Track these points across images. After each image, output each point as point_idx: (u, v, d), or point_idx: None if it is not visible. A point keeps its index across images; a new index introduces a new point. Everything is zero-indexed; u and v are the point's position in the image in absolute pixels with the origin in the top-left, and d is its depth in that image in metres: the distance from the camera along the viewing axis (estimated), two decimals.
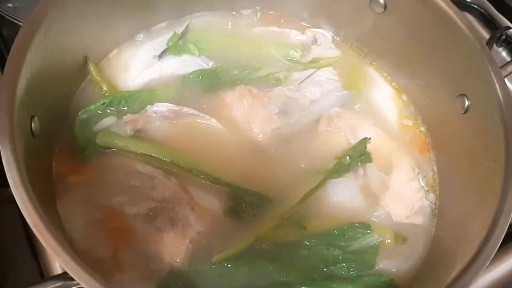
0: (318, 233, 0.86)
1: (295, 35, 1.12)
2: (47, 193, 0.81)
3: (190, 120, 0.96)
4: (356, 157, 0.94)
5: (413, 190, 0.94)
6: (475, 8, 1.39)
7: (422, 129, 1.04)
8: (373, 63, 1.12)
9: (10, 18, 1.12)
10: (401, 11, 0.98)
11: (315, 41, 1.11)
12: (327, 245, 0.84)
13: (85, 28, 0.92)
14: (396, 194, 0.93)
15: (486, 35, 1.34)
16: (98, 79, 0.97)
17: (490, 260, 0.70)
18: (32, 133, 0.76)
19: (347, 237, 0.85)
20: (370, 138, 0.96)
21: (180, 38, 1.06)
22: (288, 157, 0.95)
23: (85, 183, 0.85)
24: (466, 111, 0.90)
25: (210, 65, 1.05)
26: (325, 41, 1.11)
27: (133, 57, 1.03)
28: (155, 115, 0.94)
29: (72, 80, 0.95)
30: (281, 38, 1.12)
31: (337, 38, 1.15)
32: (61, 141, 0.89)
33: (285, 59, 1.09)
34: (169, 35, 1.06)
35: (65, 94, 0.94)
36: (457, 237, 0.83)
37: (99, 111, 0.93)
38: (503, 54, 1.35)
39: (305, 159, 0.95)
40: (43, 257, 0.90)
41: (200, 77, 1.01)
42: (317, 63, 1.09)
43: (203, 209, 0.86)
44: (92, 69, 0.96)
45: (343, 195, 0.91)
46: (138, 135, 0.92)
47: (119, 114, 0.94)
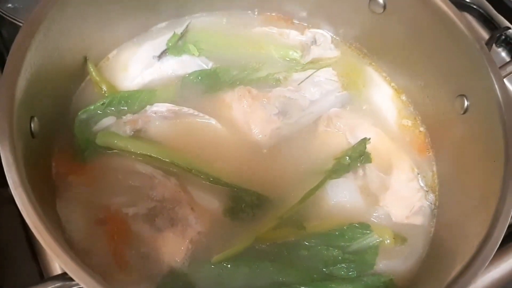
0: (317, 233, 0.86)
1: (294, 36, 1.12)
2: (46, 194, 0.81)
3: (189, 120, 0.96)
4: (355, 157, 0.94)
5: (413, 190, 0.94)
6: (474, 8, 1.39)
7: (421, 129, 1.04)
8: (373, 64, 1.12)
9: (10, 18, 1.11)
10: (401, 12, 0.98)
11: (314, 42, 1.11)
12: (326, 245, 0.84)
13: (84, 28, 0.92)
14: (395, 194, 0.93)
15: (485, 35, 1.34)
16: (97, 79, 0.97)
17: (489, 260, 0.70)
18: (31, 134, 0.76)
19: (346, 237, 0.85)
20: (369, 138, 0.96)
21: (179, 38, 1.06)
22: (287, 157, 0.95)
23: (85, 183, 0.85)
24: (465, 111, 0.90)
25: (209, 65, 1.05)
26: (324, 41, 1.11)
27: (133, 57, 1.03)
28: (154, 115, 0.94)
29: (71, 80, 0.95)
30: (280, 38, 1.11)
31: (337, 38, 1.15)
32: (61, 141, 0.89)
33: (284, 59, 1.09)
34: (169, 35, 1.06)
35: (65, 94, 0.94)
36: (456, 237, 0.83)
37: (99, 111, 0.93)
38: (503, 54, 1.35)
39: (304, 159, 0.95)
40: (43, 257, 0.90)
41: (199, 78, 1.01)
42: (316, 64, 1.08)
43: (202, 209, 0.86)
44: (91, 69, 0.97)
45: (342, 196, 0.91)
46: (137, 135, 0.92)
47: (119, 114, 0.94)
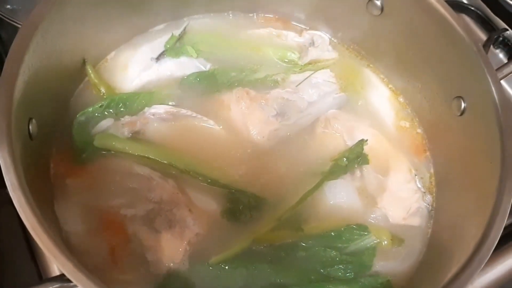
0: (315, 234, 0.86)
1: (292, 37, 1.12)
2: (45, 195, 0.81)
3: (188, 122, 0.96)
4: (353, 158, 0.94)
5: (410, 191, 0.94)
6: (472, 10, 1.39)
7: (419, 130, 1.04)
8: (370, 65, 1.12)
9: (8, 20, 1.11)
10: (398, 14, 0.99)
11: (312, 43, 1.11)
12: (324, 246, 0.85)
13: (83, 30, 0.92)
14: (393, 195, 0.93)
15: (483, 37, 1.34)
16: (96, 81, 0.97)
17: (485, 262, 0.70)
18: (29, 135, 0.76)
19: (344, 238, 0.86)
20: (367, 140, 0.96)
21: (177, 40, 1.06)
22: (285, 159, 0.95)
23: (83, 185, 0.86)
24: (462, 113, 0.90)
25: (207, 67, 1.05)
26: (322, 43, 1.11)
27: (131, 59, 1.03)
28: (153, 117, 0.94)
29: (70, 82, 0.95)
30: (278, 40, 1.11)
31: (335, 40, 1.15)
32: (59, 143, 0.89)
33: (282, 61, 1.09)
34: (167, 37, 1.06)
35: (63, 96, 0.94)
36: (453, 238, 0.83)
37: (97, 113, 0.93)
38: (500, 55, 1.35)
39: (302, 161, 0.95)
40: (41, 258, 0.90)
41: (198, 79, 1.01)
42: (314, 65, 1.09)
43: (200, 210, 0.86)
44: (90, 71, 0.97)
45: (340, 197, 0.91)
46: (136, 137, 0.92)
47: (117, 116, 0.94)
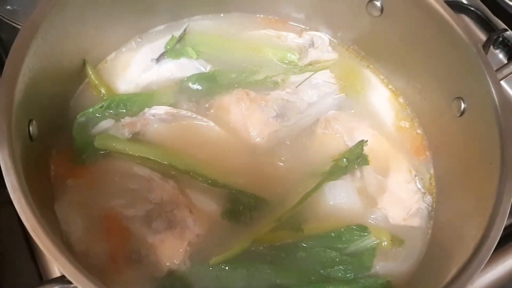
0: (315, 235, 0.86)
1: (292, 38, 1.12)
2: (45, 196, 0.81)
3: (188, 123, 0.96)
4: (353, 159, 0.94)
5: (410, 192, 0.94)
6: (472, 10, 1.39)
7: (418, 131, 1.04)
8: (370, 66, 1.12)
9: (8, 21, 1.11)
10: (398, 15, 0.99)
11: (312, 44, 1.11)
12: (324, 247, 0.85)
13: (83, 31, 0.92)
14: (393, 196, 0.93)
15: (483, 37, 1.34)
16: (96, 82, 0.97)
17: (485, 262, 0.70)
18: (30, 137, 0.76)
19: (344, 239, 0.86)
20: (367, 140, 0.96)
21: (178, 41, 1.06)
22: (285, 159, 0.95)
23: (83, 186, 0.86)
24: (462, 114, 0.90)
25: (208, 68, 1.05)
26: (322, 44, 1.11)
27: (131, 60, 1.03)
28: (153, 118, 0.94)
29: (70, 83, 0.95)
30: (278, 41, 1.12)
31: (334, 41, 1.15)
32: (59, 144, 0.89)
33: (282, 62, 1.09)
34: (167, 38, 1.06)
35: (63, 97, 0.94)
36: (453, 239, 0.83)
37: (97, 114, 0.94)
38: (500, 56, 1.34)
39: (302, 161, 0.95)
40: (42, 259, 0.90)
41: (198, 81, 1.01)
42: (314, 66, 1.09)
43: (201, 211, 0.86)
44: (90, 72, 0.97)
45: (340, 198, 0.91)
46: (136, 138, 0.92)
47: (117, 117, 0.94)
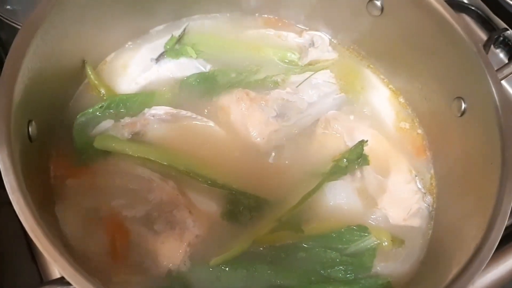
0: (315, 235, 0.86)
1: (292, 38, 1.12)
2: (44, 197, 0.81)
3: (188, 123, 0.96)
4: (353, 159, 0.94)
5: (410, 192, 0.94)
6: (472, 9, 1.39)
7: (419, 131, 1.04)
8: (370, 66, 1.12)
9: (7, 21, 1.11)
10: (398, 14, 0.98)
11: (312, 44, 1.11)
12: (324, 247, 0.84)
13: (82, 31, 0.92)
14: (393, 196, 0.93)
15: (484, 37, 1.34)
16: (95, 82, 0.97)
17: (486, 263, 0.70)
18: (29, 137, 0.76)
19: (344, 239, 0.85)
20: (367, 140, 0.96)
21: (177, 41, 1.06)
22: (285, 160, 0.95)
23: (83, 187, 0.86)
24: (462, 114, 0.90)
25: (207, 68, 1.05)
26: (322, 43, 1.11)
27: (131, 60, 1.03)
28: (153, 118, 0.94)
29: (69, 83, 0.95)
30: (278, 41, 1.11)
31: (334, 40, 1.15)
32: (59, 144, 0.89)
33: (282, 62, 1.09)
34: (167, 38, 1.06)
35: (63, 97, 0.94)
36: (454, 239, 0.83)
37: (97, 114, 0.94)
38: (501, 55, 1.34)
39: (302, 161, 0.95)
40: (42, 259, 0.90)
41: (198, 80, 1.01)
42: (314, 66, 1.09)
43: (200, 212, 0.86)
44: (89, 73, 0.97)
45: (340, 198, 0.91)
46: (135, 138, 0.92)
47: (117, 117, 0.94)
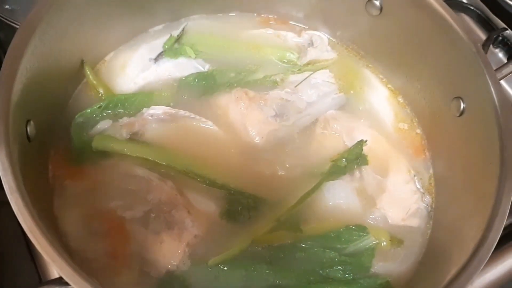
0: (314, 235, 0.86)
1: (291, 37, 1.12)
2: (43, 197, 0.81)
3: (186, 123, 0.96)
4: (352, 159, 0.94)
5: (409, 192, 0.94)
6: (471, 9, 1.39)
7: (418, 131, 1.04)
8: (369, 65, 1.12)
9: (6, 20, 1.11)
10: (397, 14, 0.98)
11: (311, 43, 1.11)
12: (323, 247, 0.84)
13: (81, 31, 0.92)
14: (392, 196, 0.93)
15: (483, 36, 1.34)
16: (94, 82, 0.96)
17: (484, 263, 0.70)
18: (27, 137, 0.76)
19: (343, 239, 0.85)
20: (366, 140, 0.96)
21: (176, 41, 1.06)
22: (284, 159, 0.95)
23: (82, 187, 0.85)
24: (461, 113, 0.90)
25: (206, 68, 1.05)
26: (321, 43, 1.11)
27: (129, 60, 1.02)
28: (151, 118, 0.94)
29: (68, 83, 0.95)
30: (277, 40, 1.11)
31: (334, 40, 1.15)
32: (57, 145, 0.89)
33: (281, 61, 1.09)
34: (165, 38, 1.06)
35: (61, 97, 0.93)
36: (452, 239, 0.83)
37: (96, 115, 0.93)
38: (500, 55, 1.34)
39: (301, 161, 0.95)
40: (41, 260, 0.90)
41: (196, 80, 1.01)
42: (313, 66, 1.08)
43: (199, 212, 0.86)
44: (88, 72, 0.96)
45: (339, 198, 0.91)
46: (134, 138, 0.92)
47: (115, 117, 0.94)
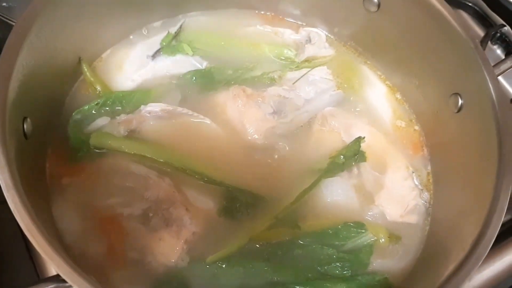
0: (312, 232, 0.86)
1: (289, 34, 1.12)
2: (40, 195, 0.80)
3: (184, 120, 0.95)
4: (350, 156, 0.94)
5: (407, 189, 0.94)
6: (469, 5, 1.39)
7: (416, 128, 1.04)
8: (367, 62, 1.12)
9: (3, 18, 1.10)
10: (395, 10, 0.98)
11: (309, 40, 1.11)
12: (321, 244, 0.84)
13: (78, 28, 0.91)
14: (390, 193, 0.93)
15: (481, 33, 1.34)
16: (91, 79, 0.96)
17: (482, 259, 0.70)
18: (24, 135, 0.76)
19: (341, 236, 0.85)
20: (364, 137, 0.96)
21: (173, 38, 1.06)
22: (282, 156, 0.94)
23: (79, 184, 0.85)
24: (459, 110, 0.90)
25: (204, 65, 1.05)
26: (319, 40, 1.11)
27: (127, 57, 1.02)
28: (149, 115, 0.93)
29: (65, 80, 0.94)
30: (275, 37, 1.11)
31: (331, 37, 1.15)
32: (55, 142, 0.89)
33: (279, 58, 1.09)
34: (163, 35, 1.06)
35: (58, 94, 0.93)
36: (450, 235, 0.83)
37: (93, 111, 0.93)
38: (498, 51, 1.34)
39: (299, 158, 0.95)
40: (39, 257, 0.90)
41: (194, 77, 1.01)
42: (311, 62, 1.08)
43: (197, 209, 0.85)
44: (85, 70, 0.96)
45: (337, 195, 0.91)
46: (132, 135, 0.92)
47: (113, 114, 0.94)
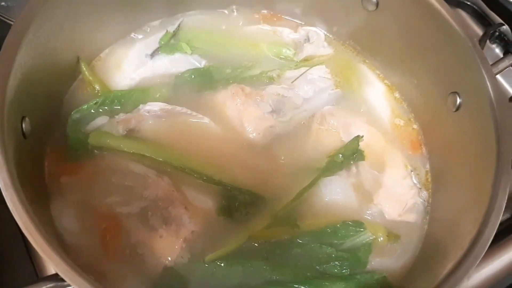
0: (311, 231, 0.86)
1: (287, 33, 1.12)
2: (39, 194, 0.80)
3: (183, 119, 0.95)
4: (348, 155, 0.94)
5: (406, 187, 0.94)
6: (468, 4, 1.39)
7: (414, 126, 1.04)
8: (366, 61, 1.12)
9: (2, 17, 1.10)
10: (393, 9, 0.98)
11: (307, 39, 1.11)
12: (320, 243, 0.84)
13: (76, 27, 0.91)
14: (388, 191, 0.93)
15: (479, 32, 1.35)
16: (90, 78, 0.96)
17: (480, 258, 0.70)
18: (23, 134, 0.76)
19: (340, 235, 0.85)
20: (362, 136, 0.96)
21: (172, 36, 1.06)
22: (281, 155, 0.95)
23: (78, 184, 0.85)
24: (457, 108, 0.90)
25: (202, 64, 1.05)
26: (317, 39, 1.11)
27: (125, 56, 1.02)
28: (147, 114, 0.93)
29: (63, 79, 0.94)
30: (273, 36, 1.11)
31: (330, 36, 1.15)
32: (53, 141, 0.89)
33: (277, 57, 1.09)
34: (162, 33, 1.06)
35: (57, 94, 0.93)
36: (449, 234, 0.83)
37: (92, 111, 0.93)
38: (497, 50, 1.34)
39: (298, 157, 0.95)
40: (38, 257, 0.89)
41: (193, 76, 1.01)
42: (310, 61, 1.08)
43: (196, 208, 0.85)
44: (84, 69, 0.96)
45: (336, 193, 0.91)
46: (130, 134, 0.92)
47: (112, 113, 0.94)
